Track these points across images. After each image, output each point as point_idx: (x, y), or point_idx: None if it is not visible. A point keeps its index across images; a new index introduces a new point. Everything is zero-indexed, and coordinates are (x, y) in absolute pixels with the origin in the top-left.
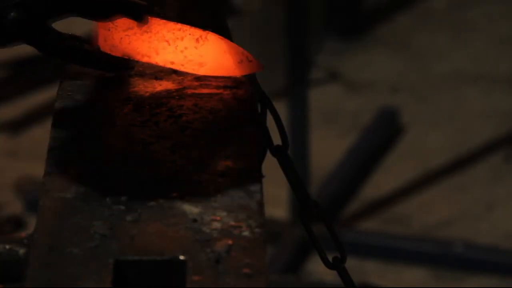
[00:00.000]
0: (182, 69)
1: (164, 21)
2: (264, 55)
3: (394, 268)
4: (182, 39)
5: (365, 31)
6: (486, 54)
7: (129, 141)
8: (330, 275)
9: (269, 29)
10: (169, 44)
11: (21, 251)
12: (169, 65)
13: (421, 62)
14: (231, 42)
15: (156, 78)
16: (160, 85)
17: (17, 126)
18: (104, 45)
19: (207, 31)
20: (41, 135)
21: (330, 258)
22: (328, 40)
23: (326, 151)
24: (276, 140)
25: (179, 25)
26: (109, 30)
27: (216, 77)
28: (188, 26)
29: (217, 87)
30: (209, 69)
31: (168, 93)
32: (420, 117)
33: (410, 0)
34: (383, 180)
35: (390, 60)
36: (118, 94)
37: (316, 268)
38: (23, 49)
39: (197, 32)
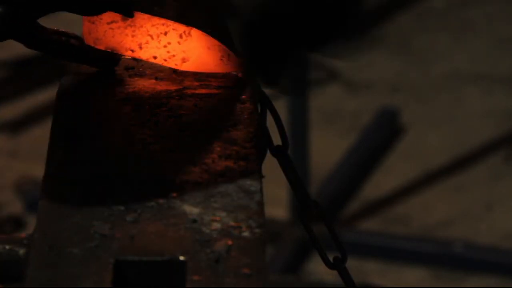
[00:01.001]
0: (164, 64)
1: (148, 15)
2: None
3: (394, 268)
4: (165, 34)
5: (365, 31)
6: (486, 54)
7: (129, 141)
8: (330, 275)
9: None
10: (152, 39)
11: (21, 251)
12: (151, 60)
13: (421, 62)
14: (214, 39)
15: (156, 78)
16: (160, 85)
17: (17, 126)
18: (88, 38)
19: (190, 27)
20: (41, 135)
21: (330, 258)
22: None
23: (326, 151)
24: (276, 140)
25: (163, 20)
26: (93, 23)
27: (215, 77)
28: (172, 21)
29: (217, 87)
30: (192, 65)
31: (168, 93)
32: (420, 117)
33: (410, 0)
34: (383, 180)
35: (390, 60)
36: (118, 94)
37: (316, 268)
38: (23, 49)
39: (181, 27)
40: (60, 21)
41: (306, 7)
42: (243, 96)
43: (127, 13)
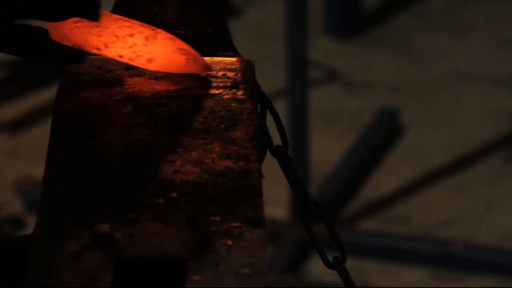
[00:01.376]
0: (130, 63)
1: (116, 16)
2: (264, 55)
3: (394, 268)
4: (131, 35)
5: (365, 31)
6: (486, 54)
7: (129, 141)
8: (330, 275)
9: (269, 29)
10: (118, 39)
11: (21, 251)
12: (117, 58)
13: (421, 62)
14: (180, 42)
15: (156, 78)
16: (160, 85)
17: (17, 126)
18: (55, 35)
19: (157, 30)
20: (41, 135)
21: (330, 258)
22: (328, 40)
23: (326, 151)
24: (276, 140)
25: (129, 23)
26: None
27: (215, 77)
28: (139, 24)
29: (217, 87)
30: (158, 65)
31: (168, 93)
32: (420, 117)
33: (410, 0)
34: (383, 180)
35: (390, 60)
36: (118, 94)
37: (316, 268)
38: None
39: (147, 30)
40: None
41: None
42: (243, 96)
43: (93, 18)
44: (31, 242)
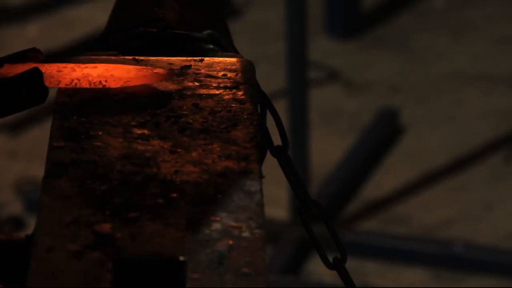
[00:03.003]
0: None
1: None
2: (264, 55)
3: (394, 268)
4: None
5: (365, 31)
6: (486, 54)
7: (129, 141)
8: (330, 275)
9: (269, 29)
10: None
11: (21, 251)
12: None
13: (421, 62)
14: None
15: None
16: (160, 85)
17: (17, 126)
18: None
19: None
20: (41, 135)
21: (330, 258)
22: (327, 40)
23: (326, 151)
24: (276, 140)
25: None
26: None
27: (215, 77)
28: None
29: (217, 88)
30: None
31: (168, 93)
32: (420, 117)
33: (410, 0)
34: (383, 180)
35: (390, 60)
36: (118, 94)
37: (316, 268)
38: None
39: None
40: (60, 21)
41: None
42: (243, 96)
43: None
44: (31, 242)
